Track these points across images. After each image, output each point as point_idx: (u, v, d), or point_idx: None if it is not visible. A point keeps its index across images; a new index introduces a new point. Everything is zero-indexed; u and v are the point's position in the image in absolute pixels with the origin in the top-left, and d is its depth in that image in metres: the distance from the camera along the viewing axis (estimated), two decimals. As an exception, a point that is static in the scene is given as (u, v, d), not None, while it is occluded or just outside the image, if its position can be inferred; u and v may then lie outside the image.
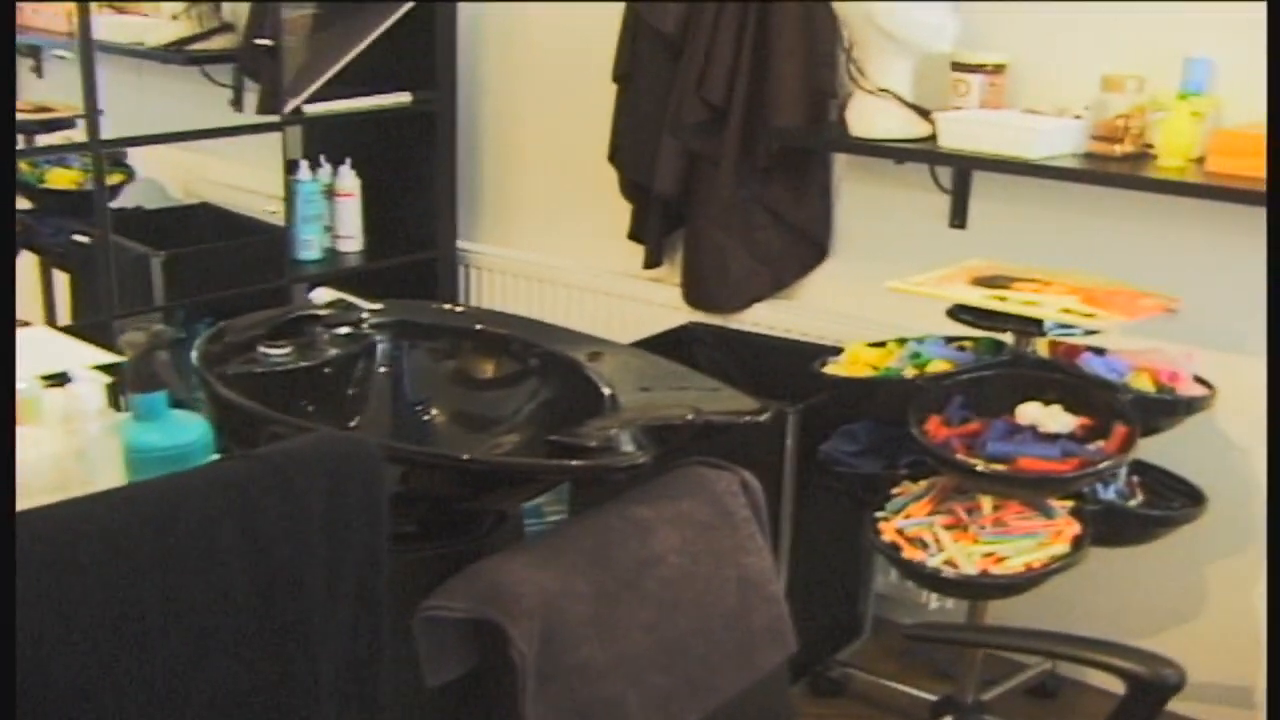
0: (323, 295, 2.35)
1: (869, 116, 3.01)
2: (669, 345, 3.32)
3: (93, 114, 3.08)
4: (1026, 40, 3.02)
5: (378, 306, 2.34)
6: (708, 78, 3.25)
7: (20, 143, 3.32)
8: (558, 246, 3.82)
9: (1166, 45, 2.84)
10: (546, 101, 3.79)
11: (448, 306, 2.45)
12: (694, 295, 3.46)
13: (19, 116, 3.29)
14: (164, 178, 3.97)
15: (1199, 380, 2.69)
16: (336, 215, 3.66)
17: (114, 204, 3.51)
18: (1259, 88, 2.76)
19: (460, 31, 3.69)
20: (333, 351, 2.32)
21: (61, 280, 3.64)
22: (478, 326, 2.35)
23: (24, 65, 3.63)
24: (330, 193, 3.65)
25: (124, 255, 3.40)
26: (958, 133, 2.87)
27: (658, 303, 3.56)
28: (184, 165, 3.94)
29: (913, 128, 3.00)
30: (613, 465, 1.90)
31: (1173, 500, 2.71)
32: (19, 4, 3.34)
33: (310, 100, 3.45)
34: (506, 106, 3.87)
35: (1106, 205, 2.96)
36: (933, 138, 2.96)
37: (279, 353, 2.26)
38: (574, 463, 1.91)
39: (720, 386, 2.21)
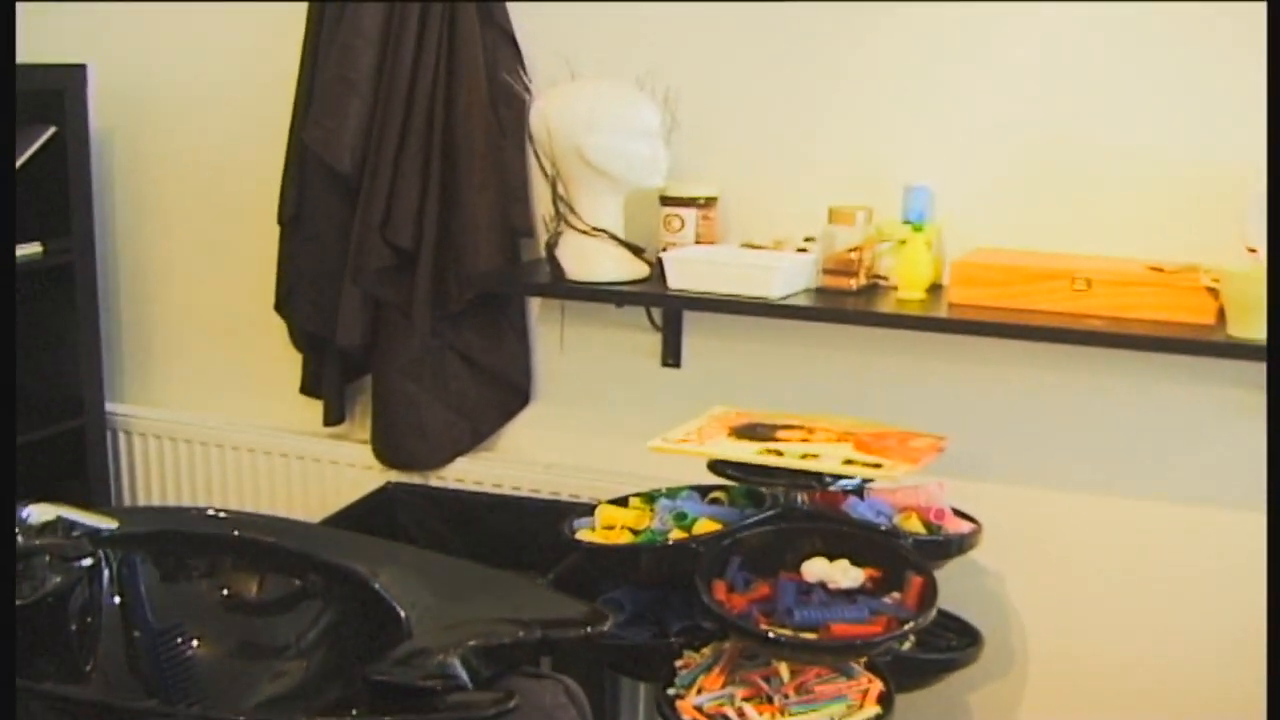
0: (38, 513, 1.96)
1: (586, 258, 2.82)
2: (369, 511, 3.07)
3: None
4: (734, 172, 2.92)
5: (110, 524, 1.97)
6: (393, 219, 3.00)
7: None
8: (224, 405, 3.48)
9: (882, 173, 2.80)
10: (199, 246, 3.45)
11: (210, 511, 2.10)
12: (388, 453, 3.18)
13: None
14: None
15: (959, 514, 2.63)
16: (-38, 387, 3.19)
17: None
18: (976, 214, 2.77)
19: (95, 172, 3.30)
20: (55, 580, 1.95)
21: None
22: (235, 533, 2.03)
23: None
24: (-48, 362, 3.18)
25: None
26: (687, 273, 2.73)
27: (345, 462, 3.26)
28: None
29: (630, 268, 2.84)
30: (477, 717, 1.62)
31: (948, 638, 2.64)
32: None
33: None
34: (153, 253, 3.51)
35: (831, 338, 2.89)
36: (649, 278, 2.83)
37: (-11, 590, 1.88)
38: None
39: (530, 582, 1.98)
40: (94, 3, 3.40)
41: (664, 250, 2.84)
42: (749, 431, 2.55)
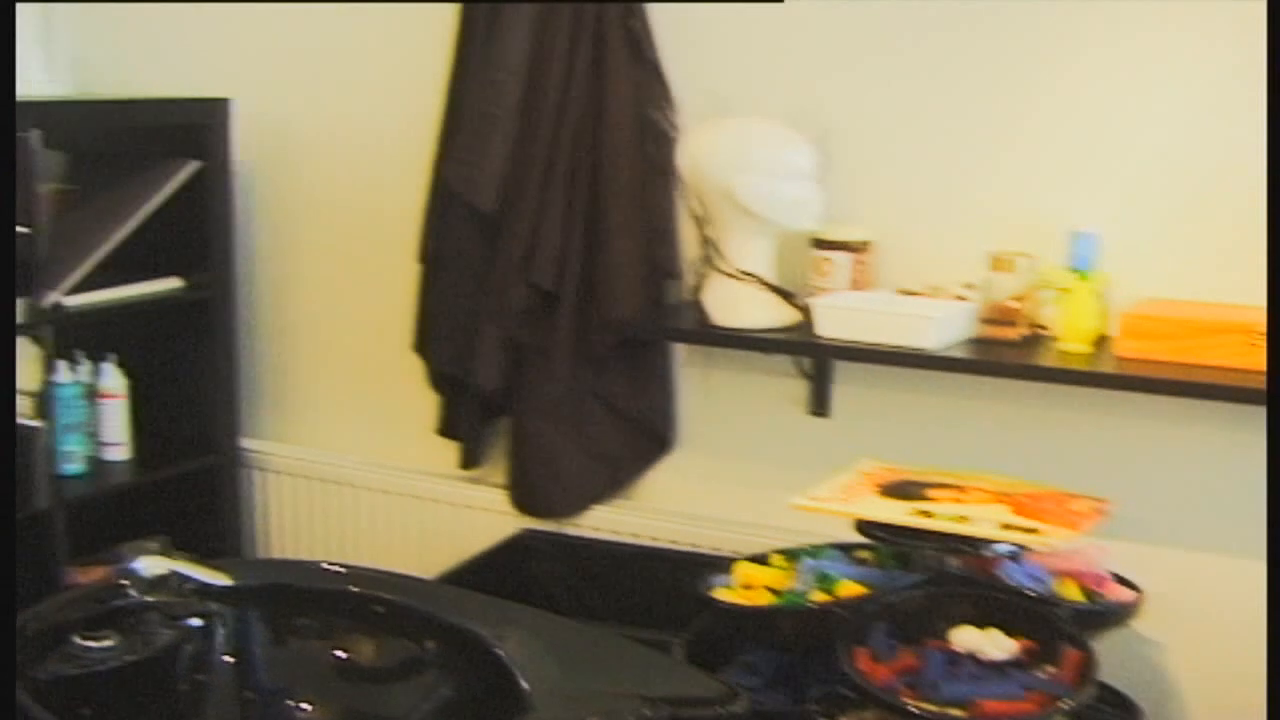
0: (150, 566, 1.89)
1: (733, 303, 2.72)
2: (502, 559, 2.99)
3: None
4: (890, 215, 2.79)
5: (223, 580, 1.89)
6: (536, 260, 2.91)
7: None
8: (358, 444, 3.41)
9: (1045, 219, 2.65)
10: (337, 283, 3.40)
11: (325, 565, 2.01)
12: (523, 499, 3.09)
13: None
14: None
15: (1120, 580, 2.46)
16: (101, 420, 3.17)
17: None
18: (1144, 262, 2.61)
19: (237, 207, 3.26)
20: (166, 636, 1.88)
21: None
22: (352, 589, 1.94)
23: None
24: (92, 394, 3.15)
25: None
26: (837, 321, 2.61)
27: (480, 507, 3.18)
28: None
29: (778, 314, 2.72)
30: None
31: (1105, 712, 2.47)
32: None
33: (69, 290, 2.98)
34: (291, 290, 3.47)
35: (988, 391, 2.74)
36: (799, 324, 2.70)
37: (101, 646, 1.82)
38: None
39: (661, 652, 1.87)
40: (245, 9, 3.38)
41: (815, 295, 2.73)
42: (898, 490, 2.42)
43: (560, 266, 2.92)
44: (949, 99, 2.73)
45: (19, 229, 2.86)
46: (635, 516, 3.04)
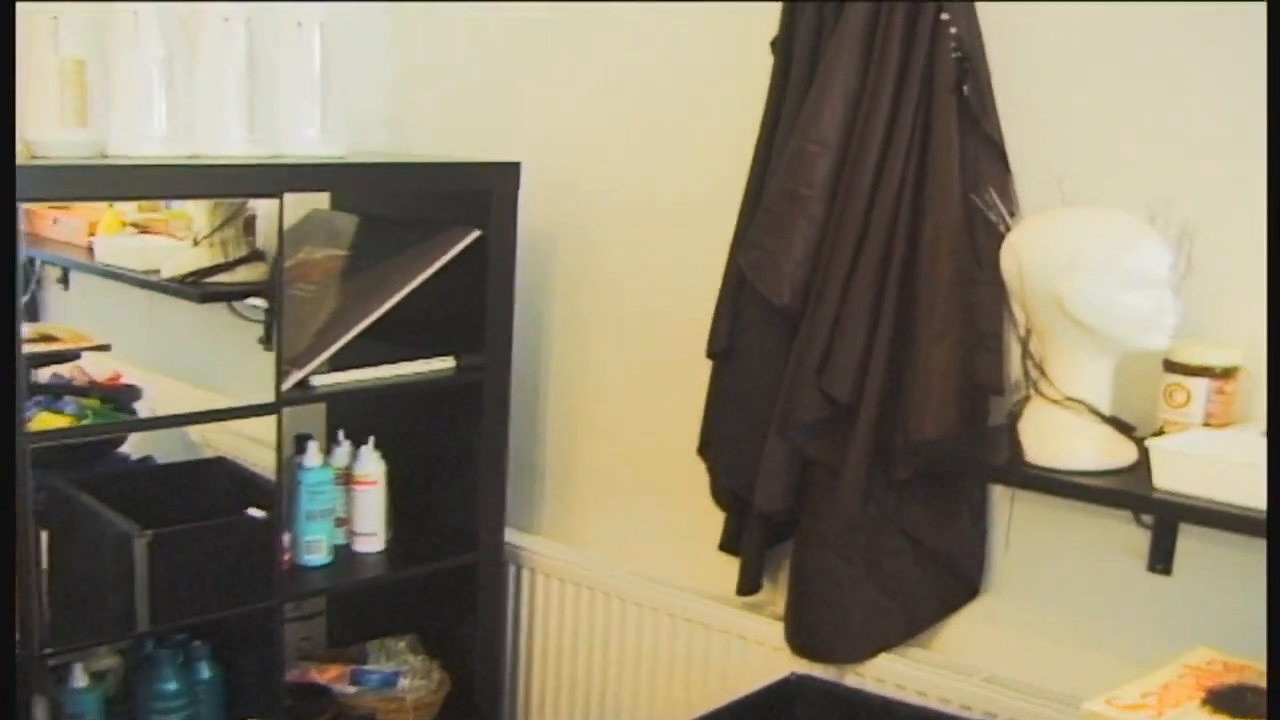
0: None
1: (1053, 435, 2.24)
2: (765, 706, 2.62)
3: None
4: (1265, 335, 2.26)
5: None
6: (832, 365, 2.52)
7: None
8: (631, 549, 3.11)
9: None
10: (625, 373, 3.10)
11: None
12: (800, 636, 2.69)
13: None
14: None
15: None
16: (354, 507, 2.93)
17: (121, 450, 2.94)
18: None
19: (519, 285, 2.98)
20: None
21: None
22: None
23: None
24: (347, 479, 2.92)
25: (105, 532, 2.68)
26: (1176, 469, 2.10)
27: (753, 639, 2.80)
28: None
29: (1112, 454, 2.23)
30: None
31: None
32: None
33: (332, 365, 2.75)
34: (572, 376, 3.19)
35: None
36: (1137, 465, 2.21)
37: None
38: None
39: None
40: (541, 72, 3.16)
41: (1161, 431, 2.24)
42: (1229, 699, 1.92)
43: (860, 375, 2.52)
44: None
45: (257, 301, 2.68)
46: (925, 671, 2.60)
